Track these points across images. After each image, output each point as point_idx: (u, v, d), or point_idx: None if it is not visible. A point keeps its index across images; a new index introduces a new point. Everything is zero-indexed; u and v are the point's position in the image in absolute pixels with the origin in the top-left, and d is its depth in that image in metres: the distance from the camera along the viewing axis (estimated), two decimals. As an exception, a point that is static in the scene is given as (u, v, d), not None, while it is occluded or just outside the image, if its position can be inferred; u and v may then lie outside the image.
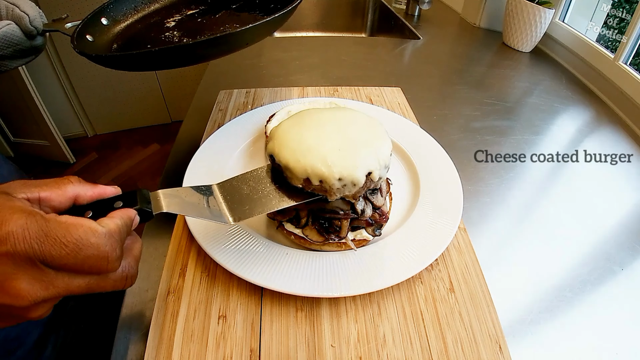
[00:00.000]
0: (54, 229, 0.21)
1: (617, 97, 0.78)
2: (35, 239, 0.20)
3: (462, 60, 0.99)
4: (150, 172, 2.02)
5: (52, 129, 1.91)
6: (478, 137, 0.66)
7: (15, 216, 0.20)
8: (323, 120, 0.39)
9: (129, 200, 0.28)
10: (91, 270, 0.23)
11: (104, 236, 0.23)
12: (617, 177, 0.60)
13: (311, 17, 1.42)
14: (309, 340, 0.35)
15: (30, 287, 0.20)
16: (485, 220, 0.51)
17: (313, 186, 0.35)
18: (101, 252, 0.22)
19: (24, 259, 0.20)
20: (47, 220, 0.21)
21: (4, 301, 0.20)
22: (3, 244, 0.20)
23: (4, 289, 0.20)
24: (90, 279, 0.23)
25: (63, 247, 0.21)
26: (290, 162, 0.35)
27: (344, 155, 0.35)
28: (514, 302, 0.41)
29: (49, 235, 0.21)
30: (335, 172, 0.34)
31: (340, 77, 0.83)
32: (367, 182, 0.36)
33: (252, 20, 0.46)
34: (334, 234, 0.40)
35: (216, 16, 0.55)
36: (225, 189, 0.36)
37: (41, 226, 0.20)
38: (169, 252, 0.42)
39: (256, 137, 0.57)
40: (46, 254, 0.20)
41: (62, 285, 0.22)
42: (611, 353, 0.37)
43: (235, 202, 0.35)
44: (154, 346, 0.34)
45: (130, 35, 0.51)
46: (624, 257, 0.47)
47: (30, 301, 0.21)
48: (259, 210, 0.35)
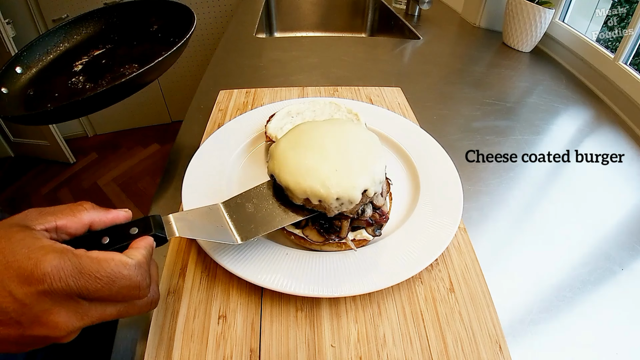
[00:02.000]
0: (87, 265, 0.23)
1: (617, 97, 0.78)
2: (70, 276, 0.22)
3: (462, 60, 0.99)
4: (150, 172, 2.02)
5: (52, 129, 1.91)
6: (478, 137, 0.66)
7: (49, 257, 0.22)
8: (321, 138, 0.40)
9: (143, 227, 0.30)
10: (124, 299, 0.25)
11: (134, 268, 0.25)
12: (617, 177, 0.60)
13: (311, 17, 1.42)
14: (309, 340, 0.35)
15: (67, 320, 0.22)
16: (485, 220, 0.51)
17: (313, 205, 0.37)
18: (133, 283, 0.24)
19: (61, 295, 0.22)
20: (79, 257, 0.23)
21: (43, 333, 0.22)
22: (41, 283, 0.21)
23: (43, 323, 0.22)
24: (121, 306, 0.25)
25: (97, 281, 0.23)
26: (290, 184, 0.37)
27: (341, 176, 0.37)
28: (514, 302, 0.41)
29: (82, 272, 0.22)
30: (333, 193, 0.36)
31: (340, 77, 0.83)
32: (363, 199, 0.38)
33: (153, 54, 0.47)
34: (334, 235, 0.40)
35: (120, 55, 0.57)
36: (231, 208, 0.38)
37: (74, 264, 0.22)
38: (169, 252, 0.42)
39: (256, 137, 0.57)
40: (82, 289, 0.22)
41: (96, 315, 0.24)
42: (611, 353, 0.37)
43: (241, 220, 0.37)
44: (154, 346, 0.34)
45: (42, 80, 0.52)
46: (624, 257, 0.47)
47: (67, 332, 0.23)
48: (264, 229, 0.37)
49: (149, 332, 0.35)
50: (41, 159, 2.04)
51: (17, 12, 1.71)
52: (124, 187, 1.94)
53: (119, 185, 1.95)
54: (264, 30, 1.32)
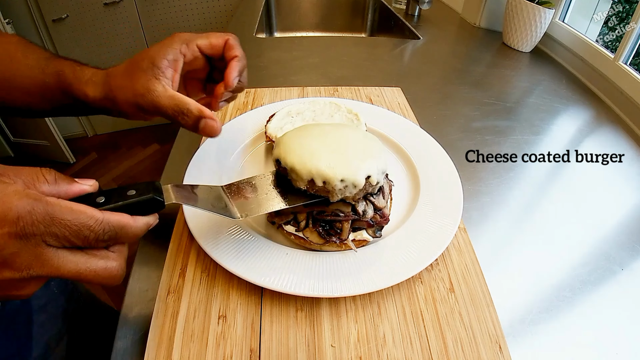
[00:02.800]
0: (58, 212, 0.23)
1: (617, 97, 0.78)
2: (42, 222, 0.23)
3: (462, 60, 0.99)
4: (150, 172, 2.02)
5: (52, 129, 1.91)
6: (478, 137, 0.66)
7: (23, 201, 0.22)
8: (325, 132, 0.42)
9: (142, 190, 0.30)
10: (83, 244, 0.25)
11: (100, 222, 0.25)
12: (617, 177, 0.60)
13: (311, 17, 1.42)
14: (309, 340, 0.35)
15: (31, 264, 0.23)
16: (485, 220, 0.51)
17: (317, 187, 0.37)
18: (90, 228, 0.25)
19: (30, 239, 0.22)
20: (51, 204, 0.23)
21: (7, 276, 0.23)
22: (12, 226, 0.22)
23: (9, 264, 0.22)
24: (82, 265, 0.25)
25: (67, 229, 0.24)
26: (296, 164, 0.37)
27: (347, 159, 0.38)
28: (514, 302, 0.41)
29: (54, 218, 0.23)
30: (338, 174, 0.36)
31: (341, 77, 0.83)
32: (366, 185, 0.38)
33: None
34: (334, 236, 0.40)
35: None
36: (232, 190, 0.39)
37: (47, 210, 0.23)
38: (169, 252, 0.42)
39: (256, 137, 0.57)
40: (52, 234, 0.23)
41: (56, 265, 0.24)
42: (611, 353, 0.37)
43: (241, 200, 0.38)
44: (154, 346, 0.34)
45: None
46: (624, 257, 0.47)
47: (29, 275, 0.23)
48: (264, 208, 0.38)
49: (149, 332, 0.35)
50: (41, 159, 2.04)
51: (17, 12, 1.71)
52: (124, 187, 1.93)
53: (119, 185, 1.95)
54: (264, 30, 1.32)
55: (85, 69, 0.40)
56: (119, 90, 0.38)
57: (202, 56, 0.41)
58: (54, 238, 0.23)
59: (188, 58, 0.40)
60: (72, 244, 0.24)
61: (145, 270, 0.42)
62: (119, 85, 0.38)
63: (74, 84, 0.39)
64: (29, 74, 0.40)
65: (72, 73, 0.40)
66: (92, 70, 0.40)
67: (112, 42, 1.93)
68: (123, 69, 0.39)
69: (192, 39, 0.40)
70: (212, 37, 0.41)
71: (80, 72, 0.40)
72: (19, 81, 0.40)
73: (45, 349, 0.46)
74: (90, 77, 0.39)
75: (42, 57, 0.41)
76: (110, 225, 0.26)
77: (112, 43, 1.93)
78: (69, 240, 0.24)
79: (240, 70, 0.41)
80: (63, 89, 0.40)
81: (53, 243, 0.24)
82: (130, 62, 0.39)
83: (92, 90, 0.39)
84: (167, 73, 0.38)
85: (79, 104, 0.40)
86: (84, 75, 0.39)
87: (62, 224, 0.23)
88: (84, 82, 0.39)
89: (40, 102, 0.42)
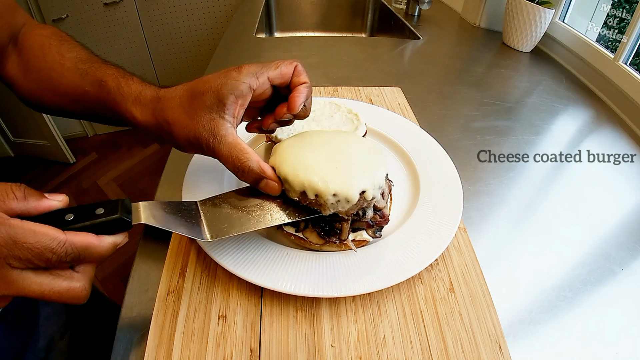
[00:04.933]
0: (21, 235, 0.24)
1: (617, 97, 0.78)
2: (5, 245, 0.23)
3: (462, 60, 0.99)
4: (150, 172, 2.02)
5: (52, 129, 1.91)
6: (478, 137, 0.66)
7: None
8: (325, 142, 0.40)
9: (110, 208, 0.29)
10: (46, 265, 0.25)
11: (63, 243, 0.25)
12: (617, 177, 0.60)
13: (311, 17, 1.42)
14: (309, 340, 0.35)
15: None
16: (485, 220, 0.51)
17: (309, 200, 0.36)
18: (51, 249, 0.25)
19: None
20: (14, 227, 0.24)
21: None
22: None
23: None
24: (46, 286, 0.25)
25: (29, 252, 0.24)
26: (289, 175, 0.36)
27: (341, 174, 0.36)
28: (514, 302, 0.41)
29: (17, 241, 0.23)
30: (330, 188, 0.35)
31: (341, 77, 0.83)
32: (361, 201, 0.37)
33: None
34: (334, 237, 0.40)
35: None
36: (207, 207, 0.38)
37: (9, 233, 0.23)
38: (169, 252, 0.42)
39: (256, 137, 0.57)
40: (15, 257, 0.23)
41: (20, 286, 0.24)
42: (611, 353, 0.37)
43: (215, 219, 0.37)
44: (154, 346, 0.34)
45: None
46: (624, 257, 0.47)
47: None
48: (236, 230, 0.36)
49: (149, 332, 0.35)
50: (41, 158, 2.04)
51: (17, 12, 1.71)
52: (124, 187, 1.94)
53: (119, 185, 1.95)
54: (264, 30, 1.32)
55: (131, 83, 0.37)
56: (177, 126, 0.35)
57: (271, 87, 0.38)
58: (17, 260, 0.23)
59: (257, 92, 0.37)
60: (35, 266, 0.25)
61: (145, 270, 0.42)
62: (176, 119, 0.35)
63: (120, 101, 0.36)
64: (66, 76, 0.37)
65: (116, 87, 0.36)
66: (139, 85, 0.37)
67: (112, 42, 1.93)
68: (180, 98, 0.36)
69: (263, 71, 0.37)
70: (281, 66, 0.38)
71: (126, 88, 0.37)
72: (55, 82, 0.37)
73: (50, 341, 0.46)
74: (137, 95, 0.36)
75: (80, 59, 0.38)
76: (73, 246, 0.26)
77: (112, 43, 1.93)
78: (32, 262, 0.24)
79: (307, 96, 0.39)
80: (105, 102, 0.37)
81: (17, 265, 0.24)
82: (189, 91, 0.36)
83: (142, 114, 0.36)
84: (233, 110, 0.35)
85: (123, 120, 0.37)
86: (130, 92, 0.36)
87: (24, 247, 0.23)
88: (130, 102, 0.36)
89: (74, 106, 0.38)
